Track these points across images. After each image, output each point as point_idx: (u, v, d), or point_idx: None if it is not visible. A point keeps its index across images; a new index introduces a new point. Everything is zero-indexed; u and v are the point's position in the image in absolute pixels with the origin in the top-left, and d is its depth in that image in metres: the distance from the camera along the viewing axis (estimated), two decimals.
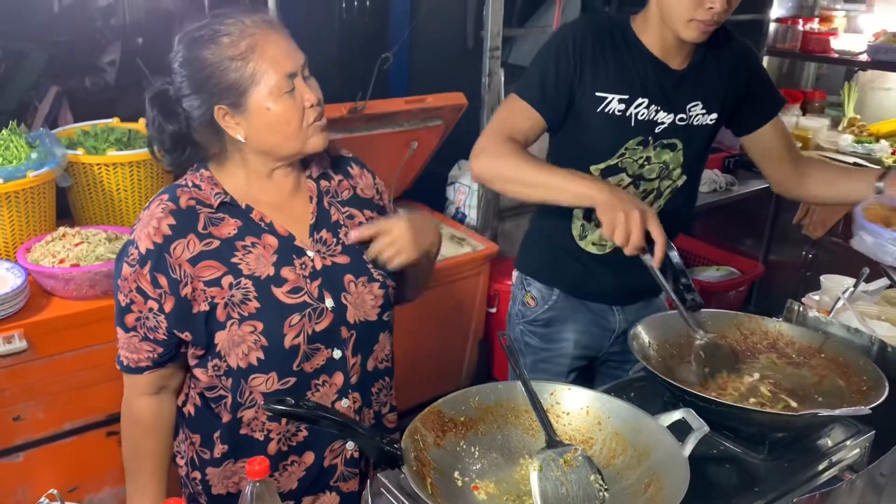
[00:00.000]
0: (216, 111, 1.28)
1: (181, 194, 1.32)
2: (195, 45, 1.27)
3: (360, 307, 1.39)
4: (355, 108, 2.58)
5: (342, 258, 1.39)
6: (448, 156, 3.19)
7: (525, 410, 1.22)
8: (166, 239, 1.28)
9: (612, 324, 1.85)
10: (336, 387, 1.38)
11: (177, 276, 1.28)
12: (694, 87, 1.68)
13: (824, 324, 1.52)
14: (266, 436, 1.37)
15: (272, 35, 1.28)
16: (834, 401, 1.32)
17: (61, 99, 2.77)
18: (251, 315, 1.29)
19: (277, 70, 1.26)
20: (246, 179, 1.36)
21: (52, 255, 1.99)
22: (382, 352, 1.46)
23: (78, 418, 2.04)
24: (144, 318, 1.31)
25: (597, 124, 1.63)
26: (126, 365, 1.36)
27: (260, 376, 1.32)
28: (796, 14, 4.39)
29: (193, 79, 1.27)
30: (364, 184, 1.50)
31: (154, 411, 1.41)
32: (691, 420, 1.12)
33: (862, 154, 3.73)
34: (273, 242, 1.34)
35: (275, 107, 1.27)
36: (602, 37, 1.62)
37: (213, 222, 1.31)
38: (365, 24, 3.56)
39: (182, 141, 1.33)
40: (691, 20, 1.53)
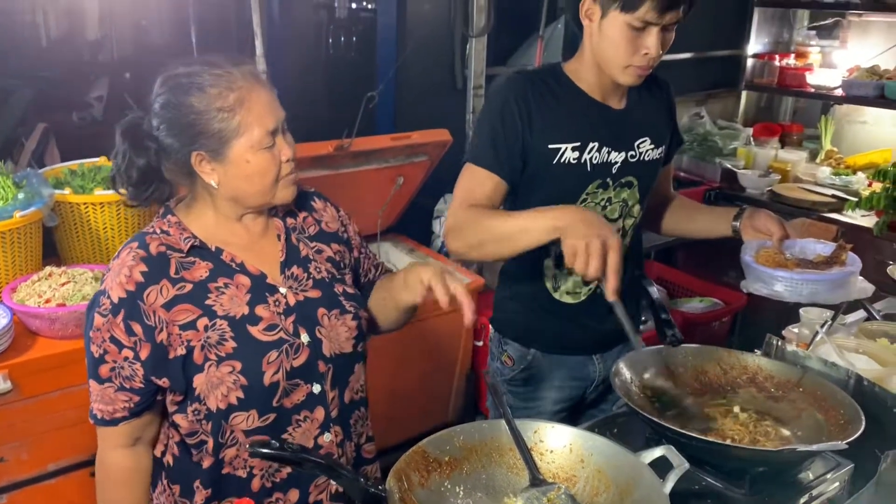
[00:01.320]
0: (193, 156, 1.29)
1: (150, 241, 1.32)
2: (181, 90, 1.28)
3: (335, 340, 1.40)
4: (342, 145, 2.61)
5: (314, 292, 1.41)
6: (434, 190, 3.22)
7: (509, 449, 1.24)
8: (139, 286, 1.27)
9: (591, 374, 1.85)
10: (318, 421, 1.39)
11: (151, 323, 1.27)
12: (638, 124, 1.72)
13: (802, 358, 1.54)
14: (249, 472, 1.36)
15: (258, 90, 1.30)
16: (813, 435, 1.34)
17: (48, 135, 2.79)
18: (228, 355, 1.29)
19: (262, 125, 1.29)
20: (215, 222, 1.38)
21: (37, 295, 2.00)
22: (357, 382, 1.47)
23: (62, 458, 2.03)
24: (119, 367, 1.29)
25: (555, 175, 1.65)
26: (100, 418, 1.33)
27: (241, 415, 1.32)
28: (773, 50, 4.51)
29: (176, 122, 1.28)
30: (328, 217, 1.52)
31: (131, 464, 1.38)
32: (672, 457, 1.13)
33: (840, 186, 3.80)
34: (245, 282, 1.35)
35: (254, 159, 1.30)
36: (541, 89, 1.64)
37: (185, 266, 1.32)
38: (352, 60, 3.62)
39: (150, 176, 1.33)
40: (628, 66, 1.57)
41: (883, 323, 1.88)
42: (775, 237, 1.67)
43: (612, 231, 1.39)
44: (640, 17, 1.50)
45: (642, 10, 1.49)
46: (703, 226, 1.89)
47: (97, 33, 3.16)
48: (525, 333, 1.84)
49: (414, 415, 2.88)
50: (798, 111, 4.71)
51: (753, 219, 1.73)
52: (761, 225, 1.71)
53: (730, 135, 4.26)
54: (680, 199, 2.01)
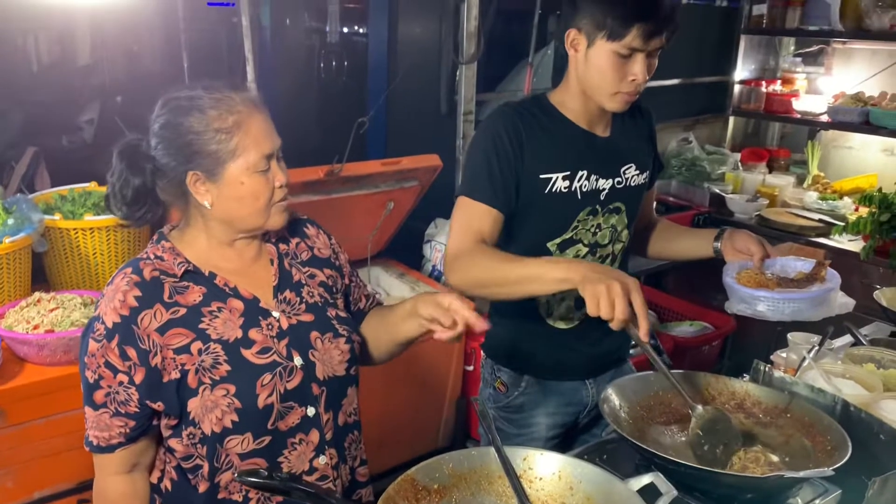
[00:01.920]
0: (189, 175, 1.31)
1: (144, 266, 1.33)
2: (181, 111, 1.31)
3: (328, 363, 1.41)
4: (332, 170, 2.63)
5: (307, 316, 1.42)
6: (424, 215, 3.24)
7: (498, 476, 1.23)
8: (133, 311, 1.28)
9: (584, 399, 1.86)
10: (313, 444, 1.39)
11: (146, 347, 1.28)
12: (623, 151, 1.75)
13: (790, 384, 1.55)
14: (245, 497, 1.37)
15: (256, 115, 1.33)
16: (800, 461, 1.34)
17: (38, 159, 2.79)
18: (223, 378, 1.30)
19: (258, 149, 1.31)
20: (207, 246, 1.39)
21: (26, 321, 1.99)
22: (351, 406, 1.48)
23: (48, 486, 2.01)
24: (115, 392, 1.30)
25: (547, 204, 1.67)
26: (97, 445, 1.34)
27: (235, 438, 1.32)
28: (759, 76, 4.57)
29: (174, 142, 1.30)
30: (321, 244, 1.54)
31: (128, 490, 1.38)
32: (660, 484, 1.14)
33: (827, 210, 3.84)
34: (239, 306, 1.36)
35: (248, 182, 1.32)
36: (529, 120, 1.66)
37: (179, 291, 1.33)
38: (343, 86, 3.64)
39: (144, 196, 1.35)
40: (616, 93, 1.60)
41: (869, 348, 1.89)
42: (756, 257, 1.69)
43: (626, 275, 1.37)
44: (626, 45, 1.53)
45: (629, 38, 1.53)
46: (686, 248, 1.91)
47: (88, 58, 3.17)
48: (518, 359, 1.84)
49: (404, 440, 2.87)
50: (785, 136, 4.77)
51: (734, 239, 1.74)
52: (741, 245, 1.73)
53: (717, 160, 4.30)
54: (663, 223, 2.03)
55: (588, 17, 1.56)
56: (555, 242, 1.71)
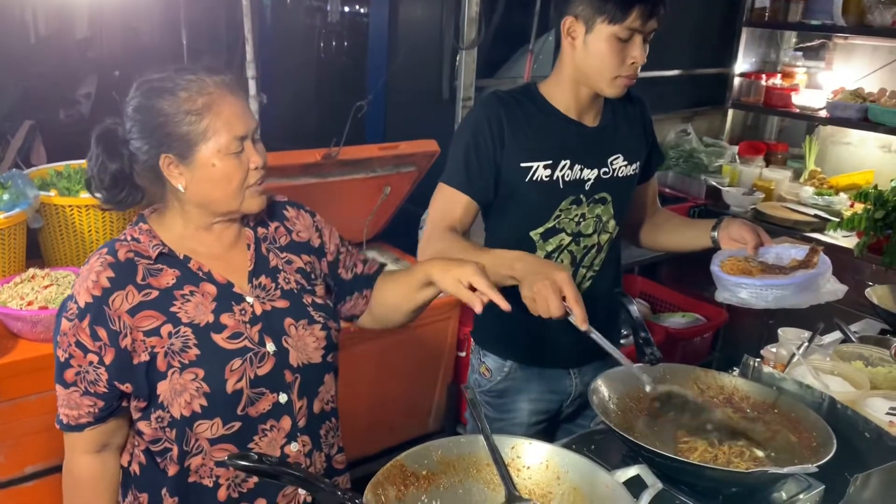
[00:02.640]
0: (162, 159, 1.31)
1: (119, 248, 1.34)
2: (153, 93, 1.31)
3: (303, 350, 1.40)
4: (329, 153, 2.62)
5: (281, 302, 1.42)
6: (421, 200, 3.22)
7: (486, 464, 1.25)
8: (105, 291, 1.29)
9: (567, 388, 1.88)
10: (284, 431, 1.39)
11: (116, 328, 1.28)
12: (612, 141, 1.76)
13: (778, 380, 1.57)
14: (215, 482, 1.37)
15: (229, 97, 1.33)
16: (785, 456, 1.36)
17: (34, 133, 2.78)
18: (192, 362, 1.30)
19: (229, 131, 1.31)
20: (184, 230, 1.39)
21: (20, 297, 1.99)
22: (328, 393, 1.47)
23: (40, 462, 2.02)
24: (84, 371, 1.30)
25: (528, 193, 1.69)
26: (66, 423, 1.34)
27: (204, 422, 1.32)
28: (760, 69, 4.56)
29: (146, 125, 1.31)
30: (301, 226, 1.52)
31: (97, 471, 1.38)
32: (646, 477, 1.15)
33: (822, 206, 3.85)
34: (212, 290, 1.36)
35: (220, 164, 1.31)
36: (514, 109, 1.68)
37: (152, 273, 1.33)
38: (343, 66, 3.62)
39: (122, 181, 1.35)
40: (616, 77, 1.61)
41: (858, 345, 1.91)
42: (750, 245, 1.70)
43: (559, 269, 1.41)
44: (627, 26, 1.56)
45: (630, 19, 1.56)
46: (685, 239, 1.92)
47: (86, 31, 3.14)
48: (503, 346, 1.86)
49: (396, 424, 2.89)
50: (783, 130, 4.77)
51: (729, 228, 1.76)
52: (736, 233, 1.74)
53: (715, 152, 4.31)
54: (664, 214, 2.04)
55: (586, 2, 1.59)
56: (537, 231, 1.72)
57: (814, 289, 1.57)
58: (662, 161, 2.00)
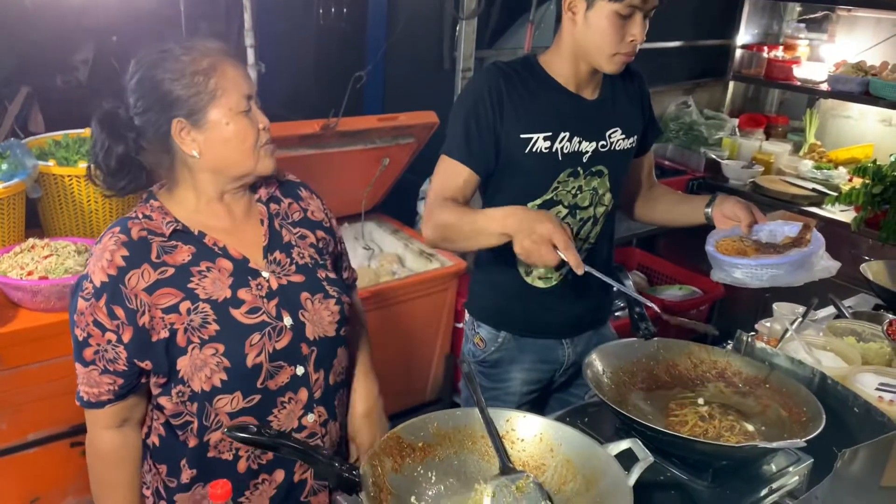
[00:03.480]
0: (174, 125, 1.31)
1: (132, 226, 1.33)
2: (154, 64, 1.31)
3: (318, 324, 1.42)
4: (328, 124, 2.61)
5: (297, 277, 1.43)
6: (419, 171, 3.22)
7: (481, 436, 1.27)
8: (120, 270, 1.29)
9: (560, 357, 1.90)
10: (301, 403, 1.41)
11: (133, 307, 1.29)
12: (610, 114, 1.76)
13: (770, 355, 1.59)
14: (235, 454, 1.39)
15: (230, 60, 1.35)
16: (776, 430, 1.38)
17: (32, 100, 2.76)
18: (211, 338, 1.31)
19: (237, 89, 1.32)
20: (196, 204, 1.39)
21: (20, 267, 2.00)
22: (340, 365, 1.50)
23: (42, 429, 2.05)
24: (103, 350, 1.31)
25: (527, 164, 1.69)
26: (87, 400, 1.36)
27: (224, 397, 1.34)
28: (762, 41, 4.53)
29: (152, 94, 1.30)
30: (314, 207, 1.54)
31: (119, 444, 1.41)
32: (637, 450, 1.17)
33: (821, 180, 3.85)
34: (228, 266, 1.37)
35: (232, 123, 1.32)
36: (514, 80, 1.68)
37: (167, 250, 1.33)
38: (343, 34, 3.59)
39: (127, 164, 1.35)
40: (615, 54, 1.61)
41: (851, 321, 1.93)
42: (743, 223, 1.70)
43: (547, 218, 1.42)
44: (628, 4, 1.55)
45: None
46: (679, 215, 1.93)
47: None
48: (496, 316, 1.88)
49: (394, 393, 2.90)
50: (784, 103, 4.75)
51: (723, 206, 1.76)
52: (729, 211, 1.74)
53: (715, 125, 4.29)
54: (660, 188, 2.04)
55: None
56: (535, 203, 1.73)
57: (808, 266, 1.56)
58: (660, 135, 2.00)
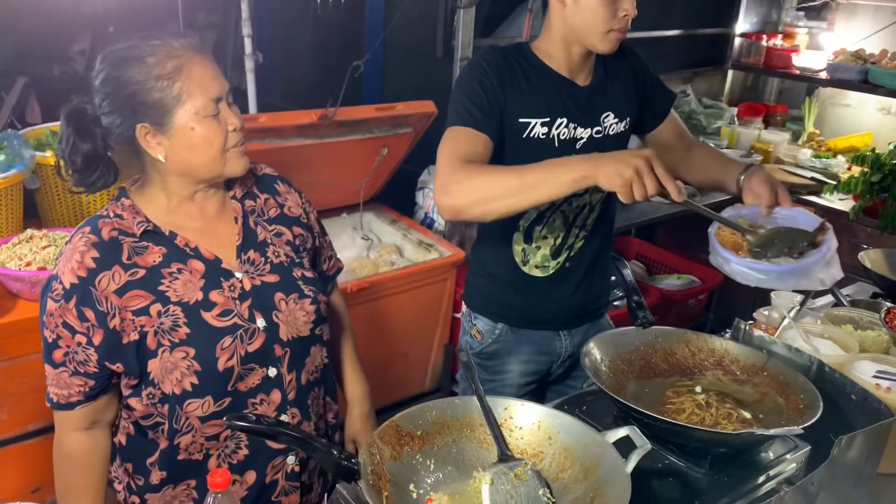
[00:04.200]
0: (138, 129, 1.27)
1: (103, 226, 1.30)
2: (121, 63, 1.27)
3: (293, 324, 1.40)
4: (326, 114, 2.61)
5: (271, 277, 1.40)
6: (418, 161, 3.23)
7: (480, 425, 1.27)
8: (90, 272, 1.27)
9: (557, 349, 1.90)
10: (274, 404, 1.39)
11: (104, 309, 1.27)
12: (604, 99, 1.75)
13: (768, 343, 1.59)
14: (205, 455, 1.38)
15: (198, 58, 1.29)
16: (773, 418, 1.38)
17: (29, 91, 2.76)
18: (182, 341, 1.29)
19: (204, 92, 1.28)
20: (167, 204, 1.36)
21: (18, 258, 2.00)
22: (313, 364, 1.47)
23: (42, 419, 2.05)
24: (73, 352, 1.29)
25: (524, 149, 1.66)
26: (56, 402, 1.34)
27: (195, 401, 1.32)
28: (761, 30, 4.51)
29: (117, 96, 1.27)
30: (292, 202, 1.51)
31: (87, 447, 1.38)
32: (635, 438, 1.18)
33: (819, 168, 3.85)
34: (199, 267, 1.34)
35: (199, 128, 1.28)
36: (511, 65, 1.66)
37: (138, 251, 1.31)
38: (340, 23, 3.58)
39: (94, 161, 1.31)
40: (609, 31, 1.60)
41: (849, 309, 1.93)
42: (764, 203, 1.60)
43: (637, 150, 1.38)
44: None
45: None
46: (715, 177, 1.82)
47: None
48: (493, 308, 1.88)
49: (393, 382, 2.93)
50: (783, 92, 4.74)
51: (752, 181, 1.64)
52: (756, 187, 1.62)
53: (714, 114, 4.29)
54: (701, 150, 1.92)
55: None
56: None
57: (799, 275, 1.51)
58: (673, 97, 1.92)
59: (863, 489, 1.43)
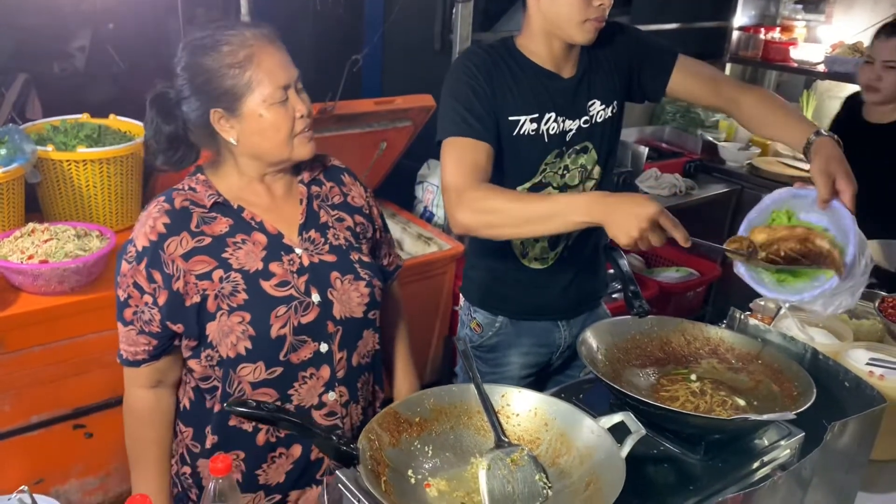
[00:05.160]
0: (212, 114, 1.37)
1: (176, 196, 1.40)
2: (198, 51, 1.36)
3: (346, 304, 1.46)
4: (325, 108, 2.62)
5: (329, 256, 1.47)
6: (417, 155, 3.24)
7: (477, 412, 1.29)
8: (161, 237, 1.36)
9: (557, 340, 1.91)
10: (323, 380, 1.45)
11: (170, 272, 1.36)
12: (588, 89, 1.75)
13: (763, 332, 1.60)
14: (255, 426, 1.44)
15: (269, 48, 1.37)
16: (768, 405, 1.40)
17: (29, 86, 2.77)
18: (239, 306, 1.37)
19: (272, 81, 1.35)
20: (239, 182, 1.45)
21: (20, 251, 2.02)
22: (365, 348, 1.53)
23: (45, 411, 2.07)
24: (141, 311, 1.38)
25: (514, 147, 1.68)
26: (125, 358, 1.43)
27: (248, 366, 1.39)
28: (759, 23, 4.52)
29: (193, 83, 1.37)
30: (356, 193, 1.58)
31: (151, 404, 1.47)
32: (630, 423, 1.19)
33: None
34: (262, 239, 1.42)
35: (267, 114, 1.36)
36: (497, 63, 1.66)
37: (206, 221, 1.40)
38: (339, 18, 3.59)
39: (177, 141, 1.42)
40: (585, 21, 1.59)
41: None
42: (820, 197, 1.49)
43: (647, 203, 1.34)
44: None
45: None
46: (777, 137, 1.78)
47: None
48: (493, 301, 1.89)
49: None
50: (781, 84, 4.75)
51: (815, 160, 1.52)
52: (815, 173, 1.51)
53: None
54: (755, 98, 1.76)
55: None
56: (524, 187, 1.73)
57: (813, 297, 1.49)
58: (674, 53, 1.80)
59: (855, 475, 1.45)
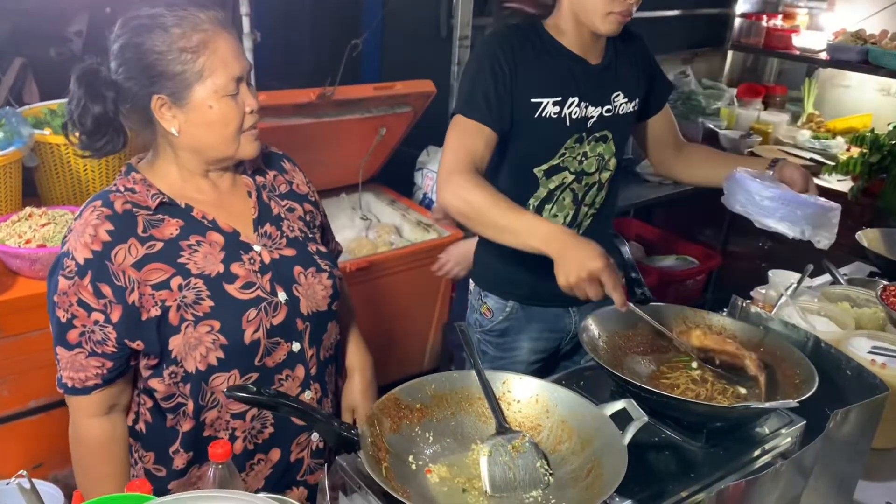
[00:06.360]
0: (154, 100, 1.25)
1: (115, 199, 1.27)
2: (143, 30, 1.23)
3: (312, 298, 1.39)
4: (324, 93, 2.60)
5: (288, 251, 1.39)
6: (417, 141, 3.23)
7: (478, 398, 1.28)
8: (105, 246, 1.23)
9: (567, 325, 1.91)
10: (298, 380, 1.39)
11: (121, 284, 1.23)
12: (614, 79, 1.75)
13: (765, 319, 1.60)
14: (231, 434, 1.36)
15: (224, 34, 1.27)
16: (769, 393, 1.40)
17: (26, 71, 2.75)
18: (206, 315, 1.27)
19: (227, 71, 1.25)
20: (180, 178, 1.33)
21: (18, 236, 2.00)
22: (329, 340, 1.47)
23: (43, 396, 2.06)
24: (90, 331, 1.24)
25: (535, 129, 1.67)
26: (71, 386, 1.28)
27: (221, 375, 1.30)
28: (761, 10, 4.49)
29: (136, 64, 1.23)
30: (299, 180, 1.51)
31: (107, 433, 1.34)
32: (632, 410, 1.19)
33: (819, 149, 3.85)
34: (218, 239, 1.32)
35: (217, 106, 1.26)
36: (524, 44, 1.66)
37: (154, 224, 1.28)
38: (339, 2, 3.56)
39: (104, 125, 1.27)
40: (609, 13, 1.59)
41: (846, 287, 1.94)
42: (796, 187, 1.70)
43: (598, 256, 1.38)
44: None
45: None
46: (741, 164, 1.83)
47: None
48: (504, 286, 1.89)
49: (392, 363, 2.95)
50: (783, 72, 4.73)
51: (784, 170, 1.74)
52: (788, 174, 1.72)
53: (714, 94, 4.28)
54: (696, 147, 2.02)
55: None
56: (541, 168, 1.73)
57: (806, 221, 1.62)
58: (672, 89, 1.97)
59: (857, 464, 1.44)
